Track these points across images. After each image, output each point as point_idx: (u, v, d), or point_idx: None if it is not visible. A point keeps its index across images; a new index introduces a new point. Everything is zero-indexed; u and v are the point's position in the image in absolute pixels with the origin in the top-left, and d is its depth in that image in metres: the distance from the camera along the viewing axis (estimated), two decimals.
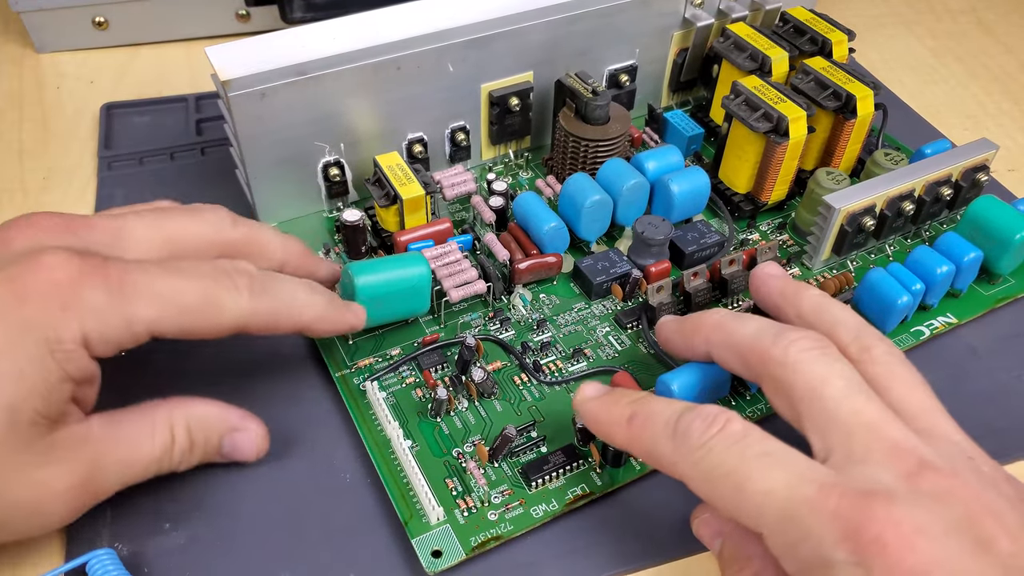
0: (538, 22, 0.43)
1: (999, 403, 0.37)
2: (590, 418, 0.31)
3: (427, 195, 0.39)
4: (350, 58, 0.39)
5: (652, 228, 0.40)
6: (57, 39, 0.56)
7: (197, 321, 0.29)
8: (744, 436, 0.27)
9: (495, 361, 0.37)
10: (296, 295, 0.32)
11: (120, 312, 0.27)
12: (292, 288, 0.32)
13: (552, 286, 0.41)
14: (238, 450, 0.32)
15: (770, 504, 0.25)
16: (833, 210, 0.39)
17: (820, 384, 0.27)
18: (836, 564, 0.23)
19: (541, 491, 0.33)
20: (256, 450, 0.33)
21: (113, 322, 0.27)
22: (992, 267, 0.41)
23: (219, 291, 0.29)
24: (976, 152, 0.42)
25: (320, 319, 0.33)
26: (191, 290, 0.28)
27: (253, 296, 0.30)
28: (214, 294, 0.29)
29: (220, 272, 0.30)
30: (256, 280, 0.30)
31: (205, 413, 0.31)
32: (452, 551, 0.30)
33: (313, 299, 0.32)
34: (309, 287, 0.33)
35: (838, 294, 0.39)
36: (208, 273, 0.29)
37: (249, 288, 0.30)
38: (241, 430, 0.32)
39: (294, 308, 0.31)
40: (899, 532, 0.23)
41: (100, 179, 0.47)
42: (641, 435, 0.29)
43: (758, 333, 0.30)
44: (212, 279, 0.29)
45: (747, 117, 0.41)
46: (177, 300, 0.28)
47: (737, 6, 0.49)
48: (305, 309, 0.32)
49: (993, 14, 0.65)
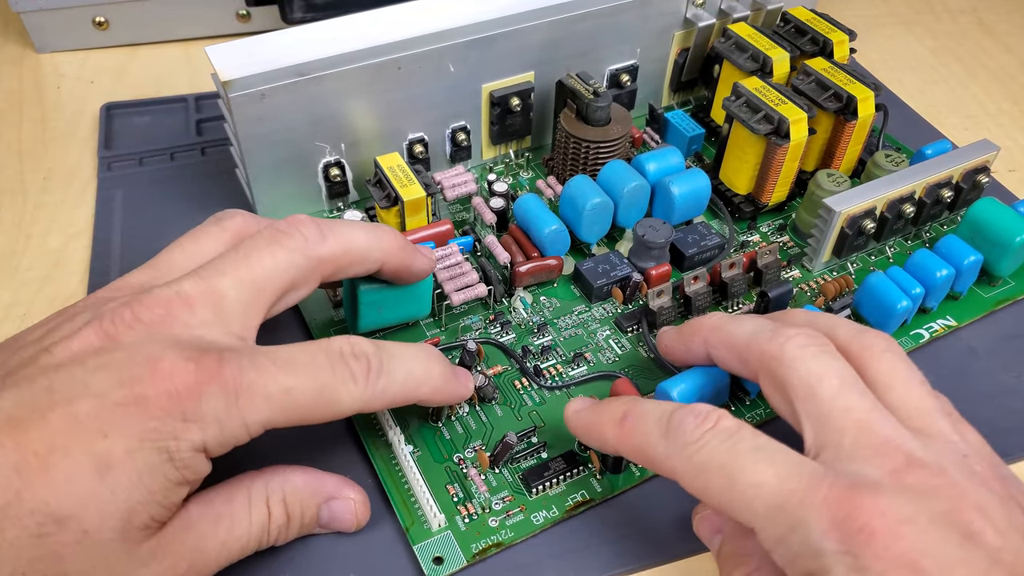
0: (539, 22, 0.43)
1: (999, 404, 0.37)
2: (581, 425, 0.31)
3: (428, 196, 0.39)
4: (350, 58, 0.39)
5: (653, 231, 0.40)
6: (57, 39, 0.56)
7: (312, 416, 0.28)
8: (736, 431, 0.27)
9: (496, 365, 0.37)
10: (413, 371, 0.30)
11: (238, 418, 0.26)
12: (408, 364, 0.30)
13: (552, 289, 0.41)
14: (337, 520, 0.31)
15: (761, 496, 0.25)
16: (833, 212, 0.39)
17: (815, 381, 0.28)
18: (825, 553, 0.24)
19: (541, 497, 0.33)
20: (356, 520, 0.31)
21: (231, 428, 0.26)
22: (992, 269, 0.41)
23: (335, 384, 0.28)
24: (977, 153, 0.42)
25: (435, 393, 0.31)
26: (306, 388, 0.27)
27: (369, 385, 0.29)
28: (329, 389, 0.28)
29: (336, 360, 0.28)
30: (372, 364, 0.29)
31: (301, 484, 0.30)
32: (453, 558, 0.31)
33: (429, 373, 0.31)
34: (425, 356, 0.31)
35: (838, 297, 0.39)
36: (324, 365, 0.28)
37: (365, 376, 0.29)
38: (339, 499, 0.31)
39: (409, 387, 0.30)
40: (885, 521, 0.23)
41: (100, 179, 0.47)
42: (633, 432, 0.29)
43: (755, 331, 0.30)
44: (328, 371, 0.28)
45: (748, 119, 0.41)
46: (292, 401, 0.27)
47: (738, 6, 0.49)
48: (420, 386, 0.31)
49: (993, 14, 0.65)
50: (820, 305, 0.38)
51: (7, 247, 0.43)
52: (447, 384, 0.32)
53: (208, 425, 0.26)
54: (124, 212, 0.45)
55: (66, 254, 0.43)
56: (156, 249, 0.42)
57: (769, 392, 0.29)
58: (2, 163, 0.49)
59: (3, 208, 0.46)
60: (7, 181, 0.47)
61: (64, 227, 0.45)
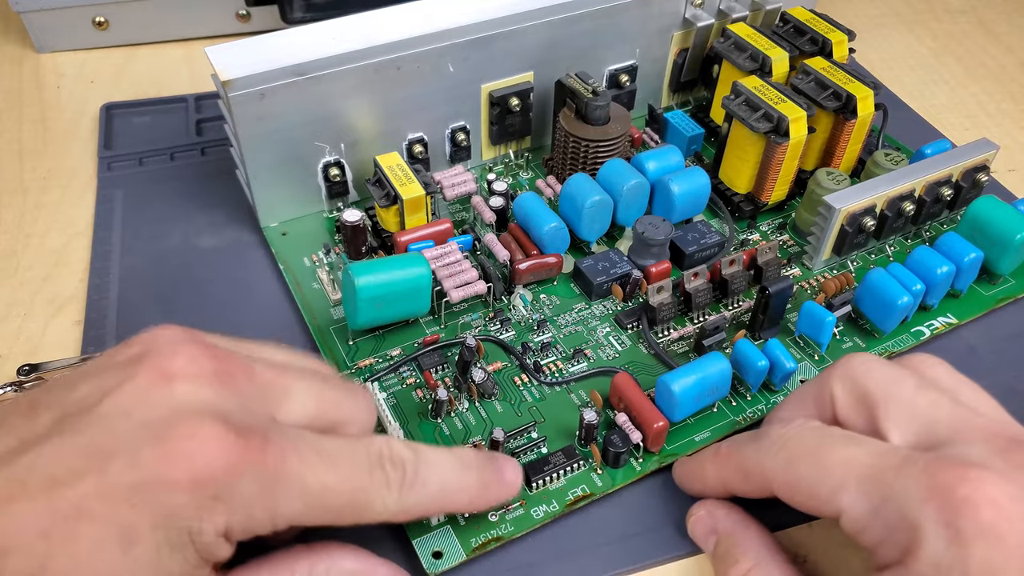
0: (538, 22, 0.43)
1: (999, 403, 0.37)
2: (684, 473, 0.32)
3: (427, 195, 0.39)
4: (350, 58, 0.39)
5: (652, 228, 0.40)
6: (57, 39, 0.56)
7: (338, 519, 0.26)
8: (824, 426, 0.27)
9: (495, 362, 0.37)
10: (448, 481, 0.28)
11: (269, 508, 0.25)
12: (444, 474, 0.28)
13: (552, 286, 0.41)
14: None
15: (852, 471, 0.25)
16: (833, 210, 0.39)
17: (892, 383, 0.28)
18: (922, 524, 0.23)
19: (541, 492, 0.33)
20: None
21: (259, 517, 0.25)
22: (992, 267, 0.41)
23: (369, 490, 0.26)
24: (976, 152, 0.42)
25: (471, 504, 0.29)
26: (342, 489, 0.26)
27: (403, 494, 0.27)
28: (363, 493, 0.26)
29: (374, 463, 0.27)
30: (408, 472, 0.27)
31: (351, 569, 0.28)
32: (453, 552, 0.30)
33: (465, 482, 0.29)
34: (461, 465, 0.29)
35: (838, 294, 0.39)
36: (362, 465, 0.26)
37: (400, 484, 0.27)
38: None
39: (444, 498, 0.28)
40: (991, 496, 0.22)
41: (100, 179, 0.47)
42: (728, 454, 0.30)
43: None
44: (366, 473, 0.26)
45: (747, 117, 0.41)
46: (325, 500, 0.26)
47: (737, 6, 0.49)
48: (456, 496, 0.29)
49: (993, 14, 0.65)
50: (820, 302, 0.38)
51: (7, 247, 0.43)
52: (484, 492, 0.30)
53: (236, 509, 0.24)
54: (124, 212, 0.45)
55: (66, 254, 0.43)
56: (156, 249, 0.43)
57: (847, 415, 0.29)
58: (2, 163, 0.49)
59: (3, 208, 0.46)
60: (7, 181, 0.47)
61: (64, 227, 0.45)
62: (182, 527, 0.23)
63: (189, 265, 0.42)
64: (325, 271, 0.41)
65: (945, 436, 0.26)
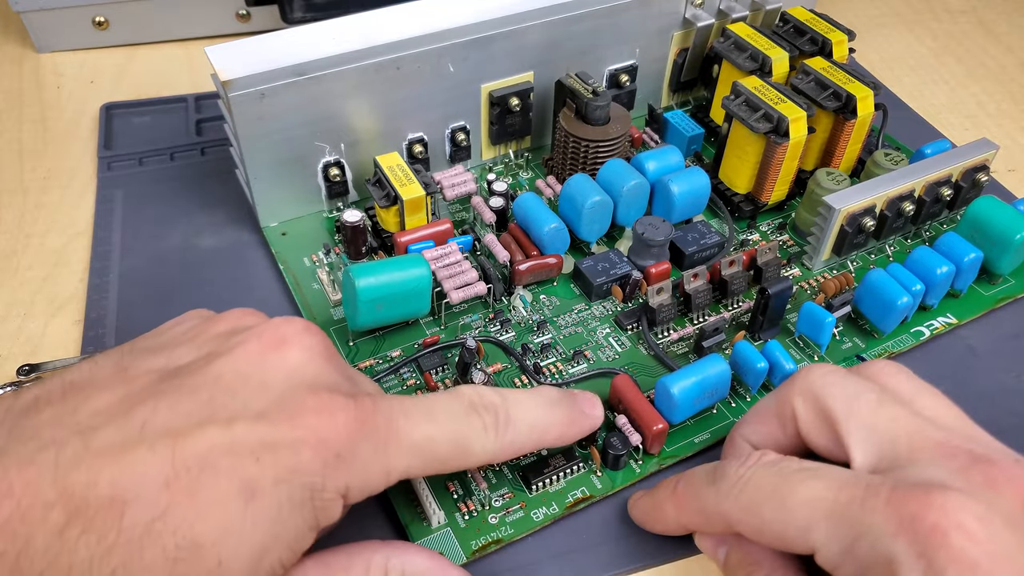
0: (538, 22, 0.43)
1: (999, 403, 0.37)
2: (641, 511, 0.32)
3: (427, 195, 0.39)
4: (350, 58, 0.39)
5: (652, 229, 0.40)
6: (57, 39, 0.56)
7: (445, 467, 0.28)
8: (780, 460, 0.27)
9: (495, 363, 0.37)
10: (537, 419, 0.30)
11: (383, 464, 0.26)
12: (533, 413, 0.30)
13: (552, 287, 0.41)
14: None
15: (817, 510, 0.25)
16: (833, 210, 0.39)
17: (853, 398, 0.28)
18: (898, 557, 0.23)
19: (541, 494, 0.33)
20: None
21: (374, 474, 0.26)
22: (992, 267, 0.41)
23: (469, 435, 0.28)
24: (976, 152, 0.42)
25: (561, 438, 0.31)
26: (445, 438, 0.27)
27: (499, 435, 0.29)
28: (464, 439, 0.28)
29: (470, 410, 0.28)
30: (500, 415, 0.29)
31: (423, 568, 0.28)
32: (453, 554, 0.30)
33: (553, 418, 0.30)
34: (546, 402, 0.31)
35: (838, 295, 0.39)
36: (459, 414, 0.28)
37: (495, 427, 0.28)
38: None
39: (535, 434, 0.30)
40: (958, 520, 0.22)
41: (100, 179, 0.47)
42: (685, 494, 0.29)
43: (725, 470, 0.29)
44: (464, 420, 0.28)
45: (747, 117, 0.41)
46: (432, 450, 0.27)
47: (737, 6, 0.49)
48: (546, 433, 0.30)
49: (993, 14, 0.65)
50: (820, 303, 0.38)
51: (7, 247, 0.43)
52: (572, 427, 0.31)
53: (355, 470, 0.25)
54: (124, 212, 0.45)
55: (66, 254, 0.43)
56: (156, 249, 0.43)
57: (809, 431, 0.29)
58: (2, 163, 0.49)
59: (3, 208, 0.46)
60: (7, 181, 0.47)
61: (64, 227, 0.45)
62: (305, 484, 0.24)
63: (189, 265, 0.42)
64: (325, 271, 0.41)
65: (904, 454, 0.26)
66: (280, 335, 0.27)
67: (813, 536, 0.25)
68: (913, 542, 0.22)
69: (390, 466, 0.26)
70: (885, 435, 0.26)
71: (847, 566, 0.24)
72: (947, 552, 0.22)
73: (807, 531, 0.25)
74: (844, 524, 0.24)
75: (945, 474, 0.24)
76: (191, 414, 0.24)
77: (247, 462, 0.23)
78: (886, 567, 0.23)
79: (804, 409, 0.29)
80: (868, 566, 0.24)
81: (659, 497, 0.31)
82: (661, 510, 0.31)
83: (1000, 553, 0.22)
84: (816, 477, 0.26)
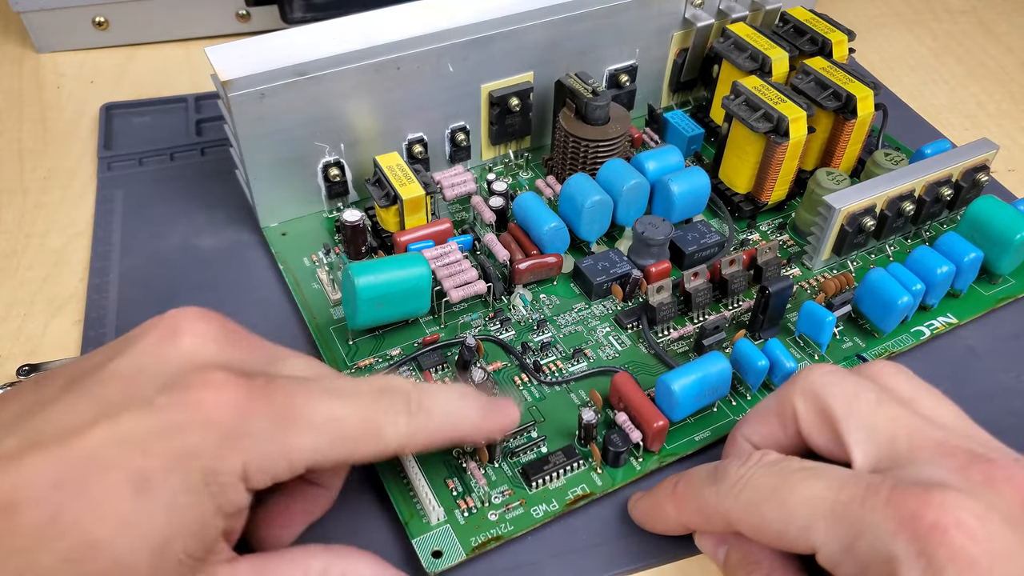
0: (538, 22, 0.43)
1: (999, 403, 0.37)
2: (642, 510, 0.32)
3: (427, 195, 0.39)
4: (350, 58, 0.39)
5: (652, 228, 0.40)
6: (57, 39, 0.56)
7: (355, 451, 0.27)
8: (781, 459, 0.27)
9: (495, 361, 0.37)
10: (450, 407, 0.29)
11: (282, 444, 0.25)
12: (446, 400, 0.29)
13: (552, 286, 0.41)
14: None
15: (818, 509, 0.25)
16: (833, 210, 0.39)
17: (853, 397, 0.28)
18: (897, 556, 0.23)
19: (541, 491, 0.33)
20: None
21: (273, 455, 0.25)
22: (992, 267, 0.41)
23: (378, 416, 0.27)
24: (976, 152, 0.42)
25: (476, 430, 0.30)
26: (351, 417, 0.27)
27: (411, 419, 0.28)
28: (373, 421, 0.27)
29: (378, 392, 0.28)
30: (412, 398, 0.28)
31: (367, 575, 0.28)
32: (452, 551, 0.30)
33: (467, 409, 0.30)
34: (460, 394, 0.30)
35: (838, 294, 0.39)
36: (366, 393, 0.27)
37: (407, 410, 0.28)
38: None
39: (449, 423, 0.29)
40: (958, 518, 0.22)
41: (100, 179, 0.47)
42: (686, 494, 0.29)
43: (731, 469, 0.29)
44: (371, 401, 0.27)
45: (747, 117, 0.41)
46: (337, 429, 0.26)
47: (737, 6, 0.49)
48: (460, 422, 0.29)
49: (993, 14, 0.65)
50: (820, 302, 0.38)
51: (7, 247, 0.43)
52: (486, 421, 0.30)
53: (250, 449, 0.24)
54: (124, 212, 0.45)
55: (66, 254, 0.43)
56: (156, 249, 0.43)
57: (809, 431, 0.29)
58: (2, 163, 0.49)
59: (3, 208, 0.46)
60: (7, 181, 0.47)
61: (64, 227, 0.45)
62: (196, 468, 0.24)
63: (189, 265, 0.42)
64: (325, 271, 0.41)
65: (904, 453, 0.26)
66: (174, 325, 0.26)
67: (813, 535, 0.25)
68: (913, 540, 0.23)
69: (290, 445, 0.25)
70: (885, 434, 0.26)
71: (847, 565, 0.24)
72: (947, 550, 0.22)
73: (807, 530, 0.25)
74: (844, 523, 0.24)
75: (945, 473, 0.24)
76: (84, 413, 0.24)
77: (135, 454, 0.23)
78: (886, 565, 0.23)
79: (805, 409, 0.29)
80: (868, 565, 0.24)
81: (659, 497, 0.31)
82: (661, 510, 0.31)
83: (999, 551, 0.22)
84: (816, 476, 0.26)
